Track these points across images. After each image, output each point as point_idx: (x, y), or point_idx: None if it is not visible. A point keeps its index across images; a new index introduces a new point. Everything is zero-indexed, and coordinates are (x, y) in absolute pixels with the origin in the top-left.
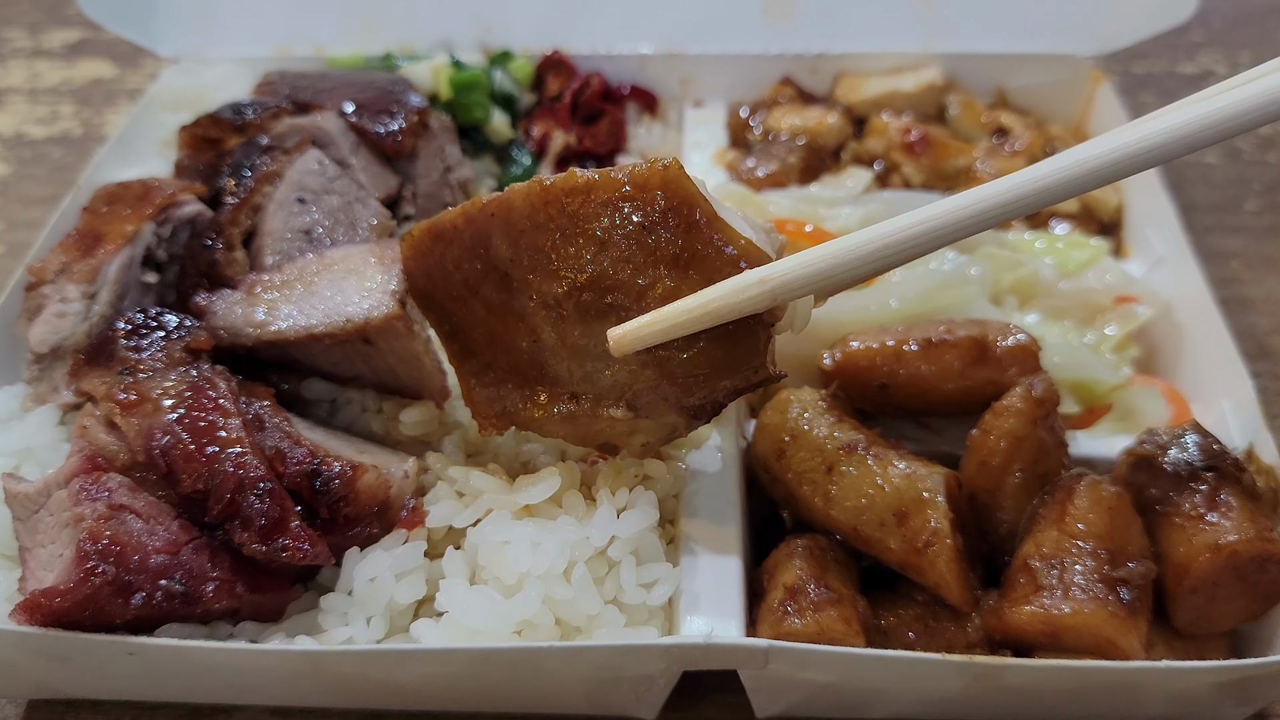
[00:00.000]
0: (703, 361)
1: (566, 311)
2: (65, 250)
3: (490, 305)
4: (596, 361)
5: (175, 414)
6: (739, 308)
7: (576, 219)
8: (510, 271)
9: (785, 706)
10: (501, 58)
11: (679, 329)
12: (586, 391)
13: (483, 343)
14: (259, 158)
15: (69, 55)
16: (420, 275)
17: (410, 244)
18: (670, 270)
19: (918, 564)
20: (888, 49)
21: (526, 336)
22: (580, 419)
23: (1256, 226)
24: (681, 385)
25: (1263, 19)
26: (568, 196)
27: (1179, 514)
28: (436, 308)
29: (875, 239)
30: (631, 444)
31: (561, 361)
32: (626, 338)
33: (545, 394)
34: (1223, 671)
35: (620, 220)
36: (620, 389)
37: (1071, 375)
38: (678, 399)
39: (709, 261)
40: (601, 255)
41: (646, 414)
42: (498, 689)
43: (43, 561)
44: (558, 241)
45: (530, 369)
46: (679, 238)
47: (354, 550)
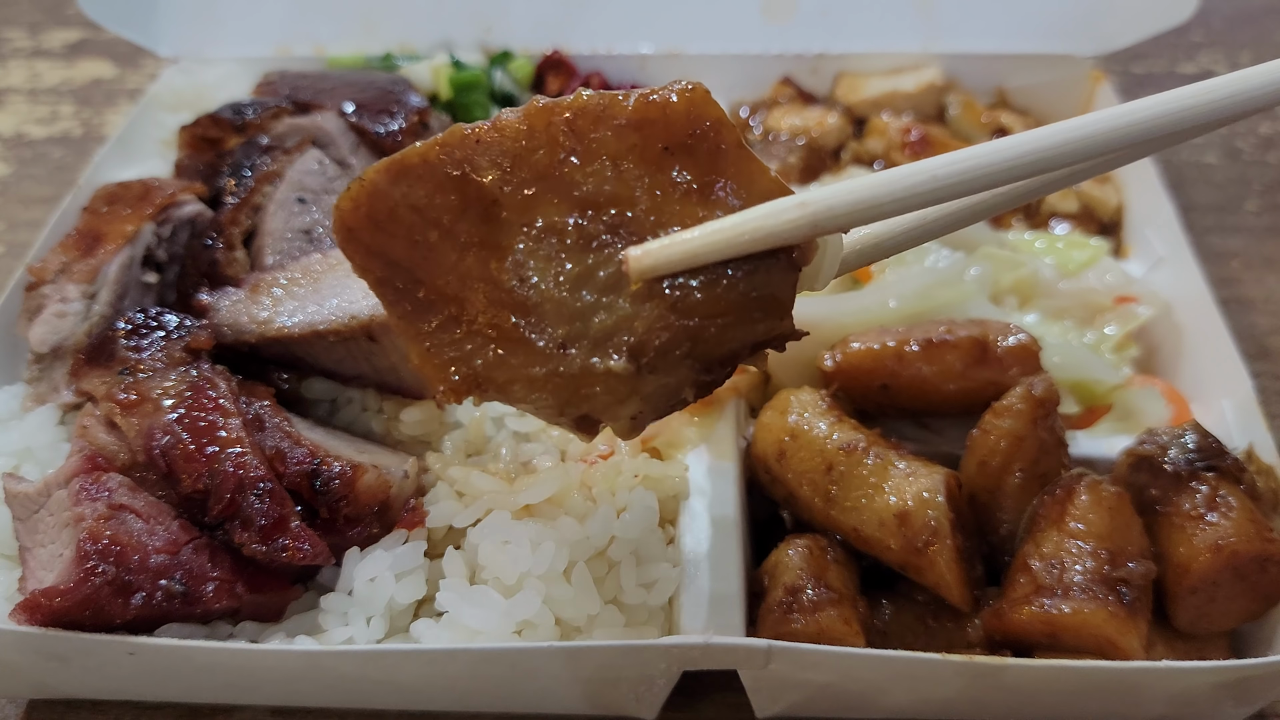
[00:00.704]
0: (723, 301)
1: (567, 241)
2: (65, 250)
3: (466, 244)
4: (597, 300)
5: (175, 414)
6: (777, 233)
7: (586, 140)
8: (499, 199)
9: (785, 706)
10: (501, 58)
11: (707, 252)
12: (580, 339)
13: (450, 293)
14: (259, 158)
15: (69, 55)
16: (365, 225)
17: (356, 189)
18: (694, 196)
19: (918, 564)
20: (888, 49)
21: (512, 275)
22: (568, 376)
23: (1256, 226)
24: (696, 329)
25: (1262, 19)
26: (577, 116)
27: (1179, 514)
28: (384, 261)
29: (922, 170)
30: (620, 415)
31: (554, 303)
32: (647, 258)
33: (527, 347)
34: (1223, 672)
35: (639, 142)
36: (623, 332)
37: (1071, 375)
38: (690, 347)
39: (736, 190)
40: (615, 178)
41: (651, 368)
42: (498, 689)
43: (43, 561)
44: (562, 162)
45: (511, 315)
46: (704, 164)
47: (354, 550)
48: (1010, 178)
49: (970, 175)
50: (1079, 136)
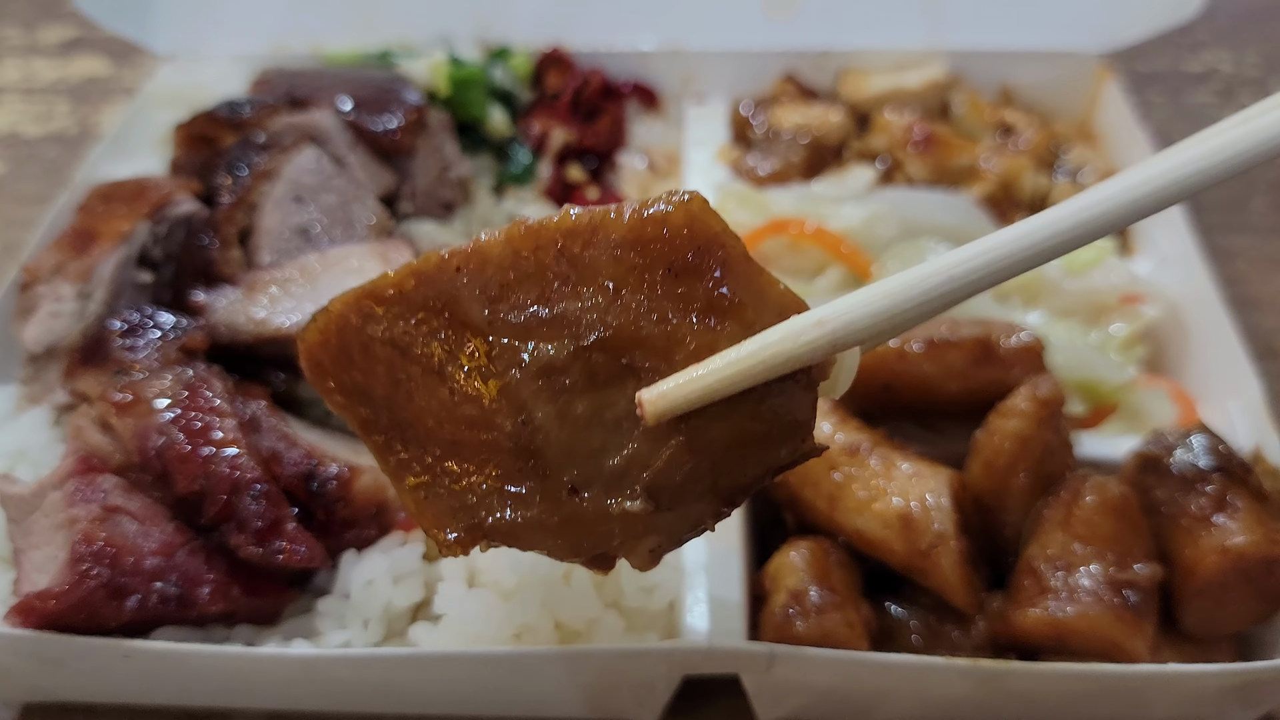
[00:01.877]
0: (743, 432)
1: (570, 379)
2: (60, 249)
3: (457, 386)
4: (608, 439)
5: (170, 415)
6: (796, 356)
7: (580, 265)
8: (490, 335)
9: (788, 711)
10: (500, 54)
11: (725, 385)
12: (591, 481)
13: (443, 437)
14: (255, 155)
15: (64, 52)
16: (337, 360)
17: (324, 321)
18: (702, 321)
19: (922, 567)
20: (892, 45)
21: (511, 417)
22: (583, 519)
23: (1263, 226)
24: (716, 463)
25: (1269, 17)
26: (566, 239)
27: (1186, 516)
28: (364, 401)
29: (938, 272)
30: (639, 550)
31: (560, 444)
32: (663, 400)
33: (537, 491)
34: (1230, 675)
35: (640, 264)
36: (637, 472)
37: (1077, 375)
38: (710, 482)
39: (747, 309)
40: (616, 307)
41: (669, 505)
42: (496, 693)
43: (37, 564)
44: (555, 293)
45: (515, 461)
46: (711, 283)
47: (351, 552)
48: (1029, 265)
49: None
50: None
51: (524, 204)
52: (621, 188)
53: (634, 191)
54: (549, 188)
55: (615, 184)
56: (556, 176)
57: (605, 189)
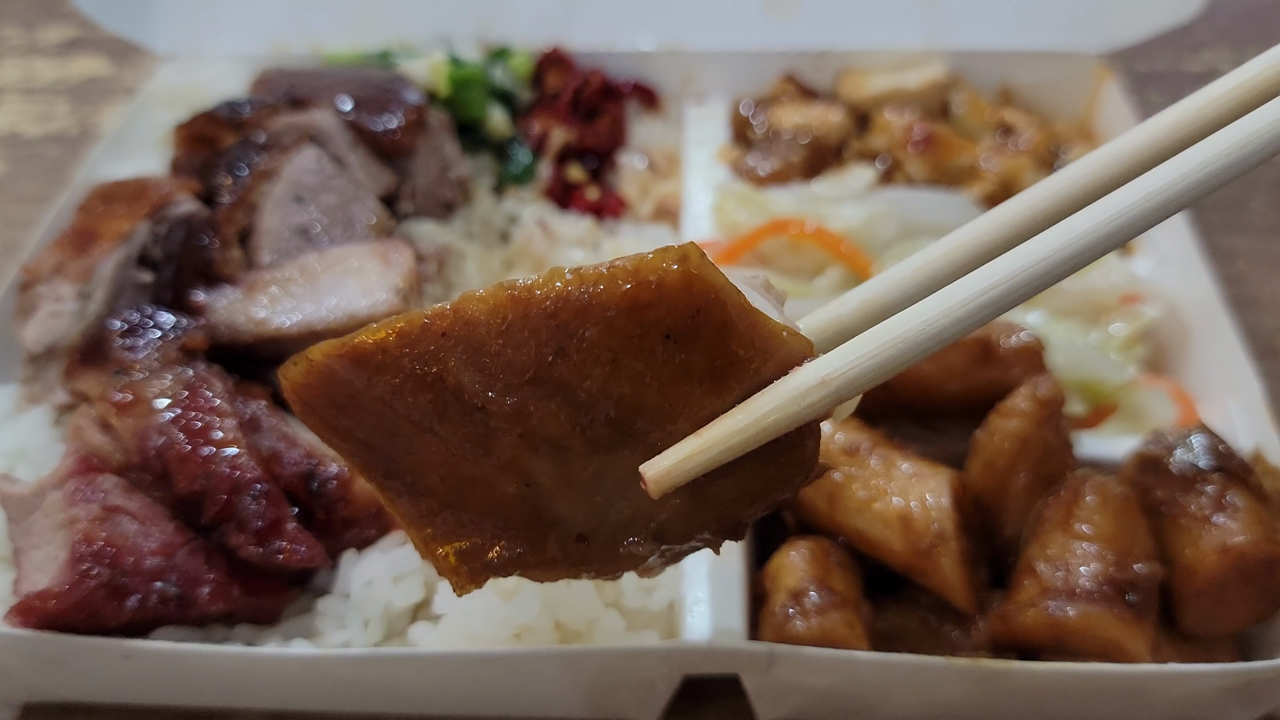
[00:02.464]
0: (749, 483)
1: (572, 446)
2: (60, 249)
3: (454, 446)
4: (613, 496)
5: (170, 414)
6: (800, 417)
7: (576, 337)
8: (484, 405)
9: (788, 711)
10: (500, 54)
11: (729, 455)
12: (598, 530)
13: (444, 489)
14: (255, 155)
15: (64, 52)
16: (325, 404)
17: (305, 367)
18: (704, 385)
19: (922, 567)
20: (891, 45)
21: (514, 482)
22: (592, 560)
23: (1263, 225)
24: (723, 511)
25: (1269, 16)
26: (558, 308)
27: (1186, 516)
28: (358, 444)
29: (942, 315)
30: (644, 570)
31: (565, 502)
32: (666, 477)
33: (547, 539)
34: (1230, 675)
35: (637, 333)
36: (644, 520)
37: (1077, 375)
38: (717, 526)
39: (750, 366)
40: (616, 378)
41: (676, 543)
42: (496, 693)
43: (37, 564)
44: (550, 364)
45: (521, 516)
46: (712, 345)
47: (351, 552)
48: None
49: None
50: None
51: (524, 204)
52: (621, 188)
53: (634, 191)
54: (549, 188)
55: (615, 184)
56: (556, 176)
57: (605, 189)
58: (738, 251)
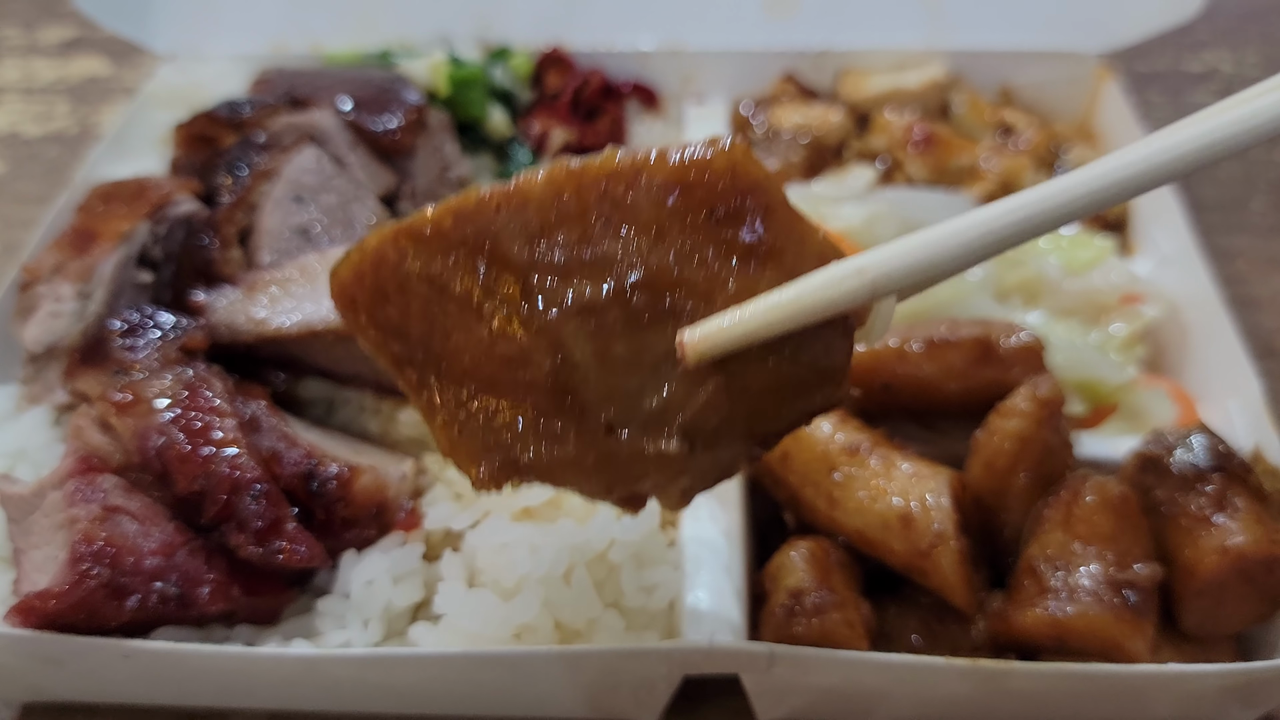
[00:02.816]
0: (781, 377)
1: (610, 320)
2: (60, 249)
3: (494, 322)
4: (646, 380)
5: (170, 414)
6: (835, 302)
7: (622, 208)
8: (530, 273)
9: (788, 711)
10: (500, 54)
11: (766, 328)
12: (628, 421)
13: (480, 374)
14: (255, 155)
15: (64, 52)
16: (371, 297)
17: (358, 258)
18: (744, 265)
19: (922, 567)
20: (891, 45)
21: (549, 356)
22: (618, 459)
23: (1262, 225)
24: (752, 406)
25: (1269, 16)
26: (609, 181)
27: (1186, 516)
28: (397, 337)
29: (977, 225)
30: (670, 492)
31: (597, 384)
32: (704, 341)
33: (573, 429)
34: (1230, 675)
35: (682, 208)
36: (674, 414)
37: (1077, 375)
38: (746, 425)
39: (787, 255)
40: (659, 248)
41: (705, 447)
42: (496, 693)
43: (37, 564)
44: (597, 234)
45: (551, 399)
46: (752, 228)
47: (351, 552)
48: (1064, 221)
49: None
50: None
51: None
52: None
53: None
54: None
55: None
56: None
57: None
58: None
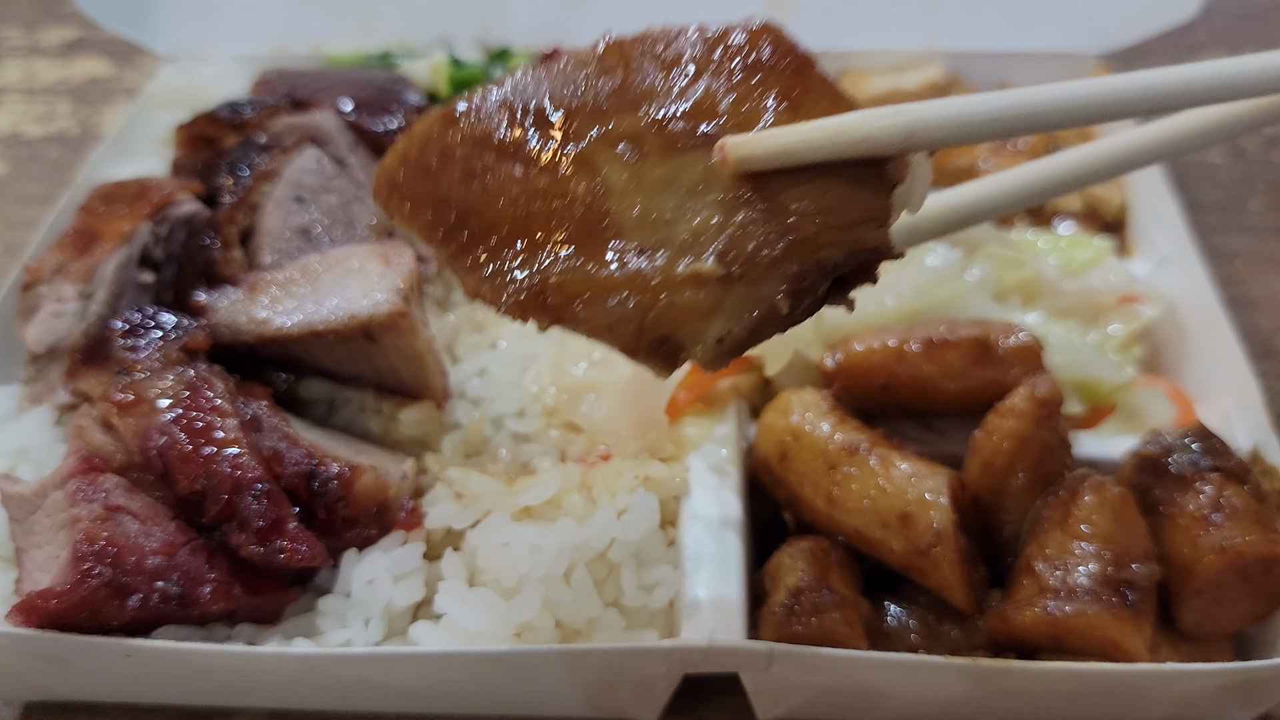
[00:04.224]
0: (820, 198)
1: (647, 145)
2: (61, 249)
3: (533, 161)
4: (683, 202)
5: (172, 414)
6: (872, 137)
7: (661, 59)
8: (569, 117)
9: (787, 709)
10: (501, 55)
11: (804, 148)
12: (664, 244)
13: (514, 214)
14: (256, 156)
15: (65, 53)
16: (414, 172)
17: (405, 144)
18: (780, 103)
19: (921, 566)
20: (890, 46)
21: (585, 180)
22: (650, 283)
23: (1260, 226)
24: (791, 227)
25: (1266, 17)
26: (652, 42)
27: (1183, 515)
28: (434, 202)
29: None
30: (706, 336)
31: (633, 208)
32: (744, 147)
33: (604, 251)
34: (1228, 674)
35: (719, 57)
36: (711, 235)
37: (1075, 375)
38: (784, 250)
39: (824, 102)
40: (697, 85)
41: (741, 274)
42: (497, 692)
43: (39, 563)
44: (640, 79)
45: (584, 224)
46: (789, 82)
47: (352, 552)
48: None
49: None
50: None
51: None
52: None
53: None
54: None
55: None
56: None
57: None
58: None
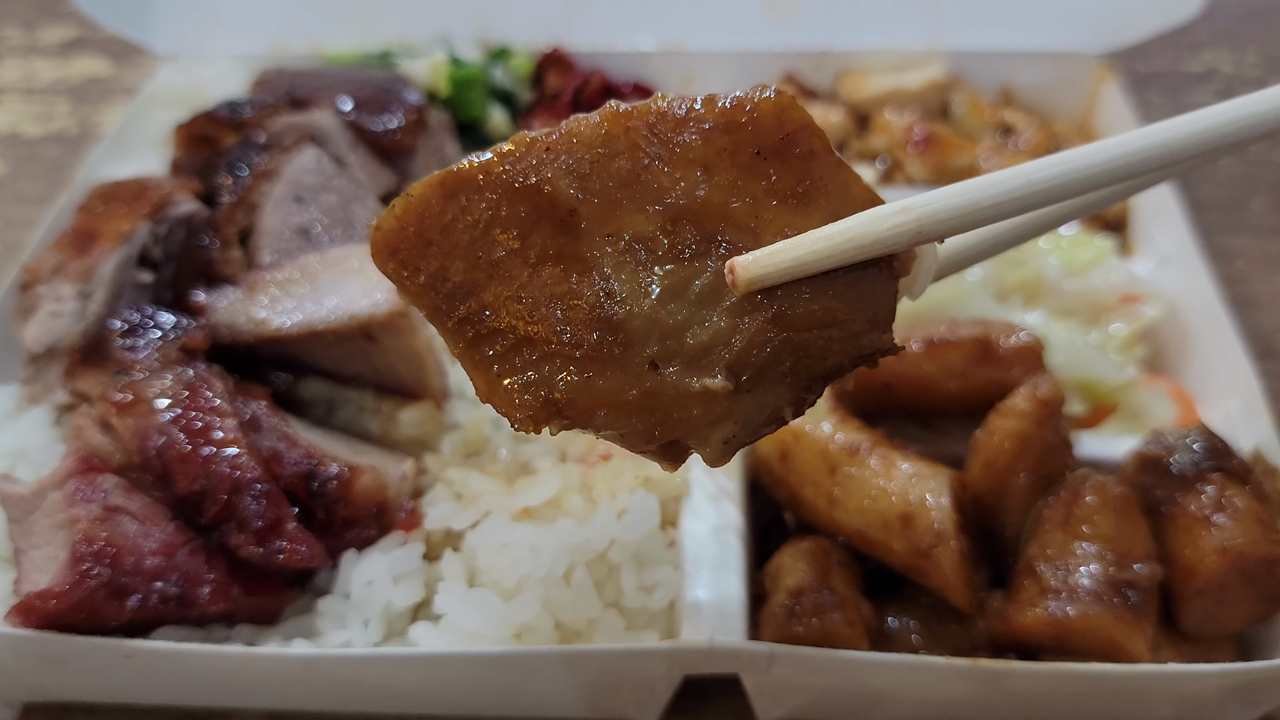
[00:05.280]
0: (827, 313)
1: (658, 252)
2: (60, 249)
3: (538, 260)
4: (692, 313)
5: (171, 415)
6: (881, 240)
7: (670, 146)
8: (577, 209)
9: (788, 710)
10: (501, 54)
11: (814, 259)
12: (673, 357)
13: (521, 311)
14: (256, 156)
15: (64, 53)
16: (414, 245)
17: (403, 207)
18: (790, 204)
19: (922, 566)
20: (892, 45)
21: (592, 289)
22: (662, 397)
23: (1262, 225)
24: (800, 342)
25: (1268, 16)
26: (657, 121)
27: (1185, 516)
28: (438, 285)
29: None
30: (712, 440)
31: (643, 318)
32: (754, 266)
33: (617, 364)
34: (1230, 675)
35: (729, 146)
36: (720, 348)
37: (1077, 375)
38: (792, 363)
39: (834, 197)
40: (706, 184)
41: (750, 386)
42: (496, 693)
43: (37, 564)
44: (647, 168)
45: (594, 333)
46: (800, 168)
47: (351, 552)
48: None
49: (1067, 179)
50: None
51: None
52: None
53: None
54: None
55: None
56: None
57: None
58: None
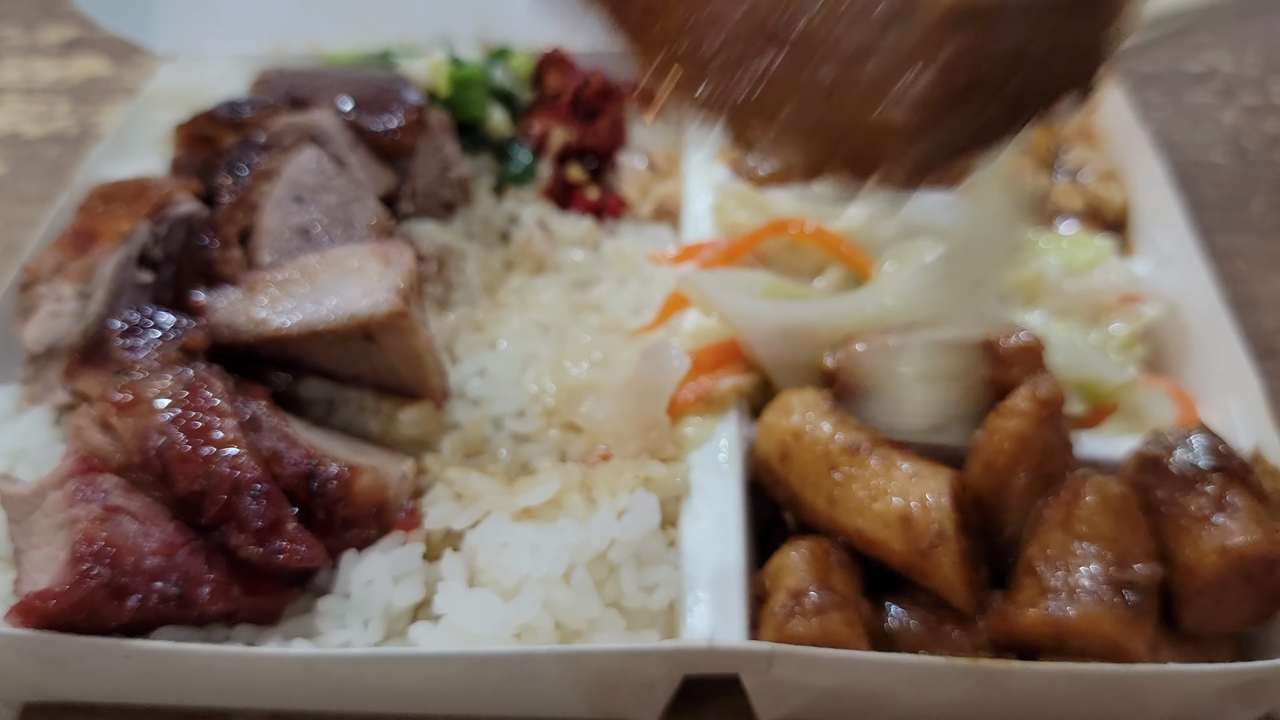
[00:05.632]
0: (1036, 29)
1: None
2: (60, 249)
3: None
4: (886, 26)
5: (171, 415)
6: None
7: None
8: None
9: (788, 711)
10: (501, 54)
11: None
12: (853, 86)
13: (708, 27)
14: (255, 155)
15: (64, 52)
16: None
17: None
18: None
19: (922, 567)
20: None
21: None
22: (864, 92)
23: (1263, 225)
24: (1010, 51)
25: (1269, 17)
26: None
27: (1186, 516)
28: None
29: None
30: (902, 160)
31: (822, 38)
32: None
33: (811, 62)
34: (1230, 675)
35: None
36: (919, 57)
37: (1077, 375)
38: (999, 73)
39: None
40: None
41: (961, 98)
42: (496, 693)
43: (37, 564)
44: None
45: (782, 34)
46: None
47: (351, 552)
48: None
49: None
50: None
51: (524, 204)
52: (622, 188)
53: (634, 191)
54: (549, 188)
55: (615, 184)
56: (556, 176)
57: (605, 189)
58: (738, 252)
